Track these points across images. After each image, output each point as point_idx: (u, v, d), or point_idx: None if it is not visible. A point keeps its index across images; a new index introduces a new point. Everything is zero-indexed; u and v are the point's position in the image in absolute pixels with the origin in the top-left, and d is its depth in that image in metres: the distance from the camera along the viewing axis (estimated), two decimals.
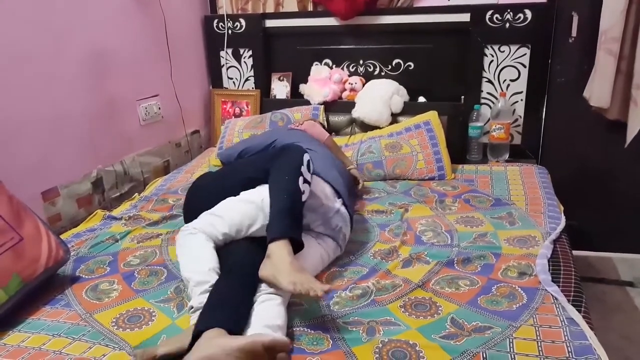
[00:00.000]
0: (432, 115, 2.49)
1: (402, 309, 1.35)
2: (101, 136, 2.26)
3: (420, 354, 1.16)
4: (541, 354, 1.15)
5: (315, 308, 1.38)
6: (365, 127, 2.64)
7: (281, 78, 2.94)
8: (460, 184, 2.26)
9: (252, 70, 2.96)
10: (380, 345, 1.19)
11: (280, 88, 2.93)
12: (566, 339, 1.19)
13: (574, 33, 2.42)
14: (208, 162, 2.66)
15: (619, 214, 2.57)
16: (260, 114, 2.84)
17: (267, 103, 2.90)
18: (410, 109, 2.62)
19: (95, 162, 2.24)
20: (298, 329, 1.29)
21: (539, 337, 1.21)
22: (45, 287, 1.49)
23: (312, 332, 1.28)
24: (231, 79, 3.02)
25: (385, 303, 1.38)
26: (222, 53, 2.97)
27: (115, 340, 1.26)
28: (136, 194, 2.28)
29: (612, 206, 2.59)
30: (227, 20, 2.89)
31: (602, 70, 2.24)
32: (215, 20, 2.93)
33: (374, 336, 1.23)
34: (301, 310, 1.38)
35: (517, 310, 1.33)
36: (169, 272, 1.58)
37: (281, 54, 2.95)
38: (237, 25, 2.89)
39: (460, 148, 2.54)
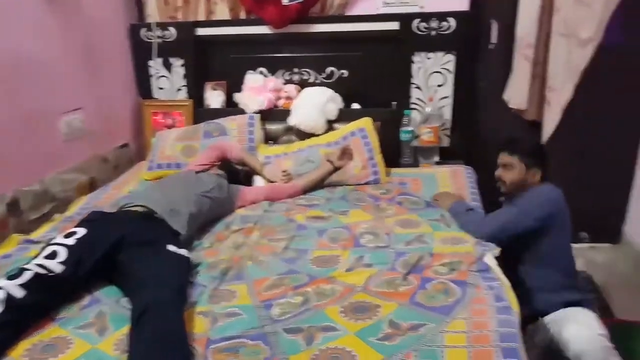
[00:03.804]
0: (366, 122, 2.54)
1: (342, 314, 1.36)
2: (16, 154, 2.10)
3: (355, 358, 1.18)
4: (469, 343, 1.20)
5: (254, 318, 1.37)
6: (302, 134, 2.66)
7: (215, 87, 2.90)
8: (394, 187, 2.32)
9: (185, 79, 2.89)
10: (318, 353, 1.20)
11: (214, 97, 2.88)
12: (493, 327, 1.26)
13: (494, 40, 2.55)
14: (138, 177, 2.56)
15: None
16: (194, 124, 2.77)
17: (201, 113, 2.84)
18: (345, 115, 2.66)
19: (9, 182, 2.08)
20: (237, 340, 1.27)
21: (468, 329, 1.26)
22: None
23: (251, 342, 1.27)
24: (162, 89, 2.93)
25: (325, 308, 1.39)
26: (151, 62, 2.88)
27: None
28: (57, 214, 2.15)
29: None
30: (155, 28, 2.81)
31: (519, 74, 2.38)
32: (143, 29, 2.84)
33: (312, 344, 1.24)
34: (240, 319, 1.36)
35: (452, 305, 1.38)
36: (92, 297, 1.50)
37: (214, 62, 2.91)
38: (166, 34, 2.82)
39: (394, 152, 2.61)
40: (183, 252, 1.61)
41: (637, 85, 2.47)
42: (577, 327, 1.59)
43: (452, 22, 2.50)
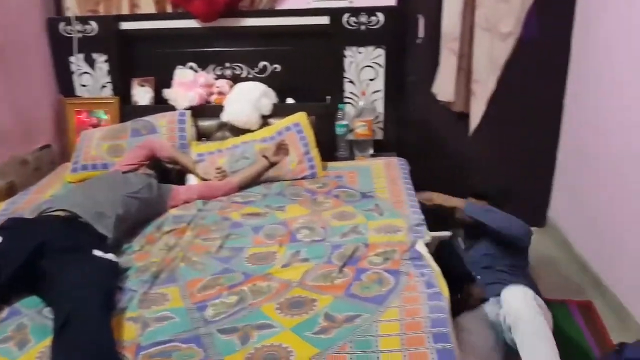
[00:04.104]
0: (301, 117, 2.53)
1: (279, 310, 1.36)
2: None
3: (291, 354, 1.17)
4: (402, 330, 1.23)
5: (187, 321, 1.33)
6: (236, 130, 2.60)
7: (142, 83, 2.78)
8: (331, 180, 2.33)
9: (109, 76, 2.76)
10: (253, 352, 1.19)
11: (142, 94, 2.77)
12: (424, 313, 1.30)
13: (421, 34, 2.62)
14: (62, 179, 2.41)
15: (468, 195, 2.81)
16: (121, 122, 2.65)
17: (129, 110, 2.72)
18: (279, 110, 2.63)
19: None
20: (169, 344, 1.23)
21: (401, 317, 1.29)
22: None
23: (184, 346, 1.23)
24: (85, 86, 2.78)
25: (260, 306, 1.38)
26: (72, 58, 2.72)
27: None
28: None
29: (464, 189, 2.83)
30: (75, 22, 2.65)
31: (445, 67, 2.46)
32: (62, 23, 2.67)
33: (247, 343, 1.22)
34: (173, 323, 1.32)
35: (386, 294, 1.41)
36: (10, 309, 1.40)
37: (141, 58, 2.78)
38: (87, 29, 2.67)
39: (329, 146, 2.62)
40: (110, 256, 1.55)
41: (552, 75, 2.63)
42: (512, 288, 1.69)
43: (380, 16, 2.54)
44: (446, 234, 2.31)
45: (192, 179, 2.32)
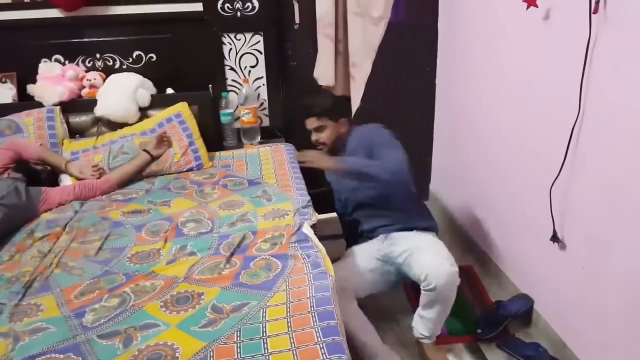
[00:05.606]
0: (182, 107, 2.46)
1: (163, 308, 1.33)
2: None
3: (177, 351, 1.16)
4: (289, 313, 1.27)
5: (65, 329, 1.26)
6: (113, 125, 2.47)
7: (3, 80, 2.53)
8: (218, 170, 2.31)
9: None
10: (137, 353, 1.16)
11: (3, 91, 2.51)
12: (310, 293, 1.34)
13: (297, 20, 2.65)
14: None
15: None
16: None
17: None
18: (158, 101, 2.53)
19: None
20: (44, 357, 1.17)
21: (288, 300, 1.33)
22: None
23: (61, 356, 1.17)
24: None
25: (143, 306, 1.34)
26: None
27: None
28: None
29: None
30: None
31: (323, 52, 2.52)
32: None
33: (130, 345, 1.19)
34: (49, 334, 1.24)
35: (273, 279, 1.44)
36: None
37: None
38: None
39: (216, 136, 2.59)
40: None
41: (424, 57, 2.81)
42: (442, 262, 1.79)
43: (255, 2, 2.53)
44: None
45: (66, 180, 2.17)
